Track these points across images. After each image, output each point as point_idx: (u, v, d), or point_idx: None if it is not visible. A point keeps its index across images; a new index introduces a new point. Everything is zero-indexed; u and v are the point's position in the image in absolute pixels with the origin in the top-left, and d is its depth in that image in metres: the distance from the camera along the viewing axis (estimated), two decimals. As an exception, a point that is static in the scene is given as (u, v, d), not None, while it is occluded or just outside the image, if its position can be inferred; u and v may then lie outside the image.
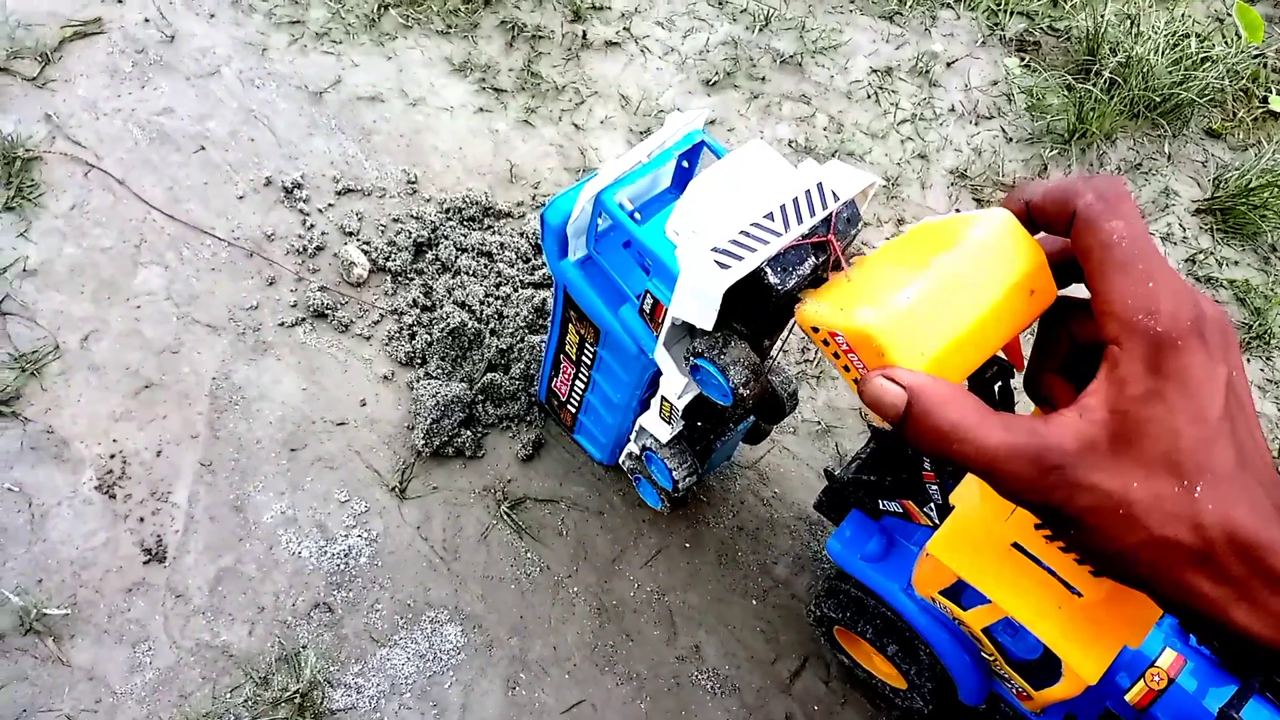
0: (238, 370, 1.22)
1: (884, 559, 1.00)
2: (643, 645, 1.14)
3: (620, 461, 1.18)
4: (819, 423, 1.33)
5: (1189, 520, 0.37)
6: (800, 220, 0.64)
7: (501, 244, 1.34)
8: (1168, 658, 0.88)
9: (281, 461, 1.17)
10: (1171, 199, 1.68)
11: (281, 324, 1.26)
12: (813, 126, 1.61)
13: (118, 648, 1.04)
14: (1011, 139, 1.69)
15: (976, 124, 1.69)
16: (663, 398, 0.95)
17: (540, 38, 1.60)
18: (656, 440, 1.04)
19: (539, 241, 1.36)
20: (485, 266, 1.31)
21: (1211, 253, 1.63)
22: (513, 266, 1.32)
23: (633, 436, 1.09)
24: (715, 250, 0.64)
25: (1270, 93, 1.89)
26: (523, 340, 1.26)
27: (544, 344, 1.25)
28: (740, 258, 0.63)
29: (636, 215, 0.81)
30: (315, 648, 1.07)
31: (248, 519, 1.13)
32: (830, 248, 0.62)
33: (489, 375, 1.22)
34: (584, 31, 1.62)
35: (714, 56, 1.66)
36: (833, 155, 1.57)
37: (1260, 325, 1.55)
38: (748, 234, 0.64)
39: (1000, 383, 0.53)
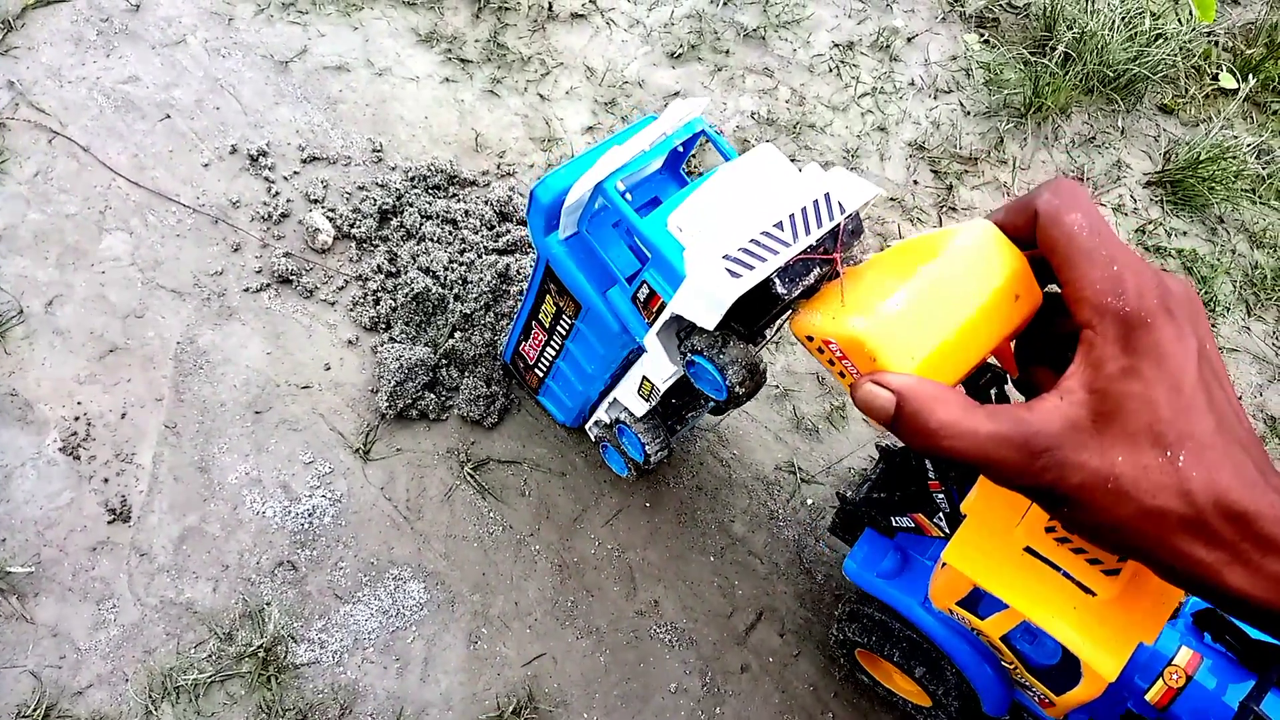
0: (203, 335, 1.21)
1: (899, 575, 0.99)
2: (603, 600, 1.14)
3: (588, 428, 1.17)
4: (777, 387, 1.33)
5: (1176, 488, 0.37)
6: (808, 230, 0.65)
7: (466, 211, 1.32)
8: (1184, 656, 0.87)
9: (246, 424, 1.16)
10: (1123, 171, 1.69)
11: (246, 289, 1.25)
12: (775, 99, 1.61)
13: (82, 605, 1.03)
14: (969, 112, 1.69)
15: (935, 98, 1.69)
16: (645, 377, 0.95)
17: (506, 9, 1.58)
18: (631, 414, 1.03)
19: (503, 209, 1.34)
20: (450, 233, 1.30)
21: (1161, 223, 1.64)
22: (477, 233, 1.31)
23: (604, 407, 1.09)
24: (727, 258, 0.65)
25: (1221, 70, 1.90)
26: (486, 307, 1.25)
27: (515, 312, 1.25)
28: (751, 266, 0.64)
29: (628, 195, 0.80)
30: (279, 604, 1.06)
31: (212, 480, 1.12)
32: (834, 263, 0.62)
33: (453, 339, 1.21)
34: (550, 3, 1.60)
35: (679, 29, 1.64)
36: (794, 127, 1.57)
37: (1206, 294, 1.56)
38: (758, 243, 0.65)
39: (995, 388, 0.54)
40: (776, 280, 0.64)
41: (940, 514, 0.92)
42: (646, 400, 0.98)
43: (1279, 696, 0.86)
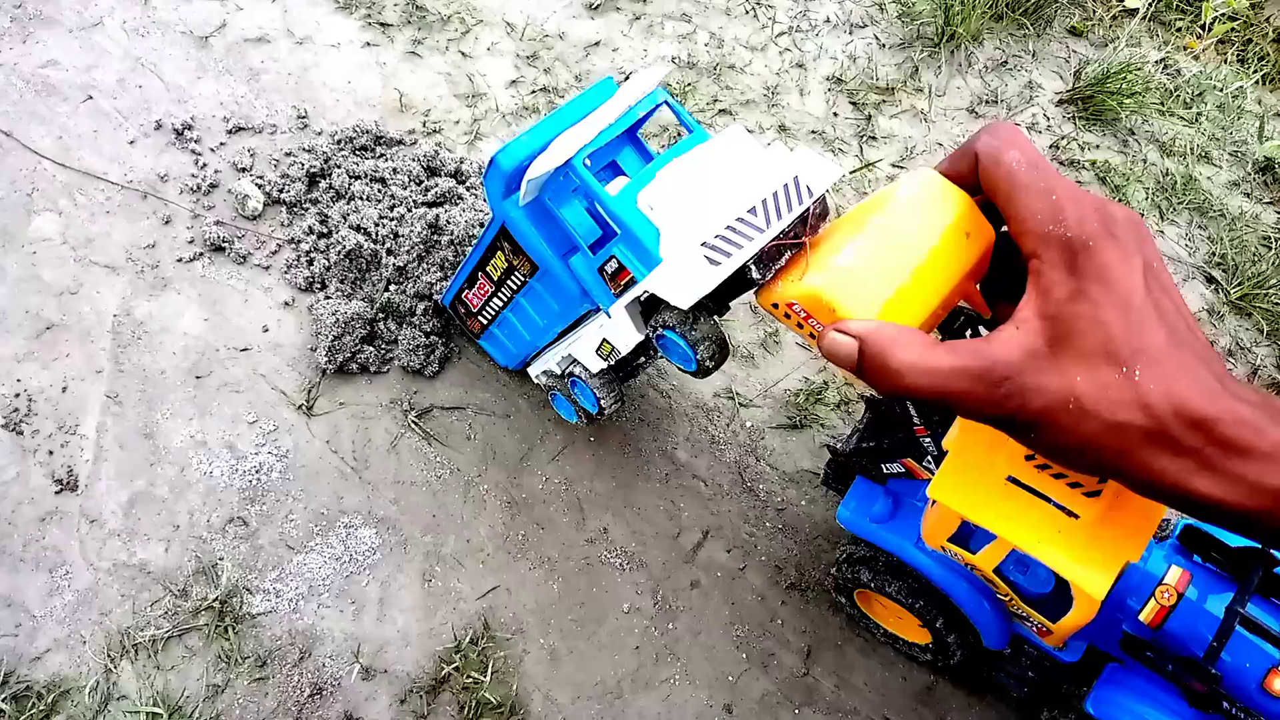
0: (139, 306, 1.18)
1: (892, 519, 0.98)
2: (553, 532, 1.14)
3: (534, 376, 1.16)
4: (712, 317, 1.33)
5: (1135, 402, 0.37)
6: (780, 216, 0.67)
7: (394, 169, 1.30)
8: (1174, 574, 0.86)
9: (188, 389, 1.14)
10: (1035, 92, 1.70)
11: (180, 260, 1.22)
12: (694, 43, 1.59)
13: (34, 574, 1.01)
14: (885, 45, 1.68)
15: (851, 33, 1.68)
16: (607, 340, 0.94)
17: (423, -28, 1.55)
18: (585, 369, 1.03)
19: (431, 164, 1.32)
20: (379, 191, 1.28)
21: (1074, 138, 1.65)
22: (406, 189, 1.29)
23: (555, 359, 1.08)
24: (705, 245, 0.66)
25: (1126, -9, 1.91)
26: (419, 259, 1.23)
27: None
28: (729, 254, 0.66)
29: (587, 162, 0.79)
30: (232, 558, 1.05)
31: (158, 445, 1.10)
32: (804, 246, 0.63)
33: (388, 292, 1.20)
34: (466, -36, 1.57)
35: (596, -18, 1.62)
36: (714, 69, 1.56)
37: (1119, 201, 1.57)
38: (734, 229, 0.66)
39: (970, 330, 0.54)
40: (752, 267, 0.65)
41: (929, 456, 0.92)
42: (605, 360, 0.97)
43: (1258, 603, 0.86)
